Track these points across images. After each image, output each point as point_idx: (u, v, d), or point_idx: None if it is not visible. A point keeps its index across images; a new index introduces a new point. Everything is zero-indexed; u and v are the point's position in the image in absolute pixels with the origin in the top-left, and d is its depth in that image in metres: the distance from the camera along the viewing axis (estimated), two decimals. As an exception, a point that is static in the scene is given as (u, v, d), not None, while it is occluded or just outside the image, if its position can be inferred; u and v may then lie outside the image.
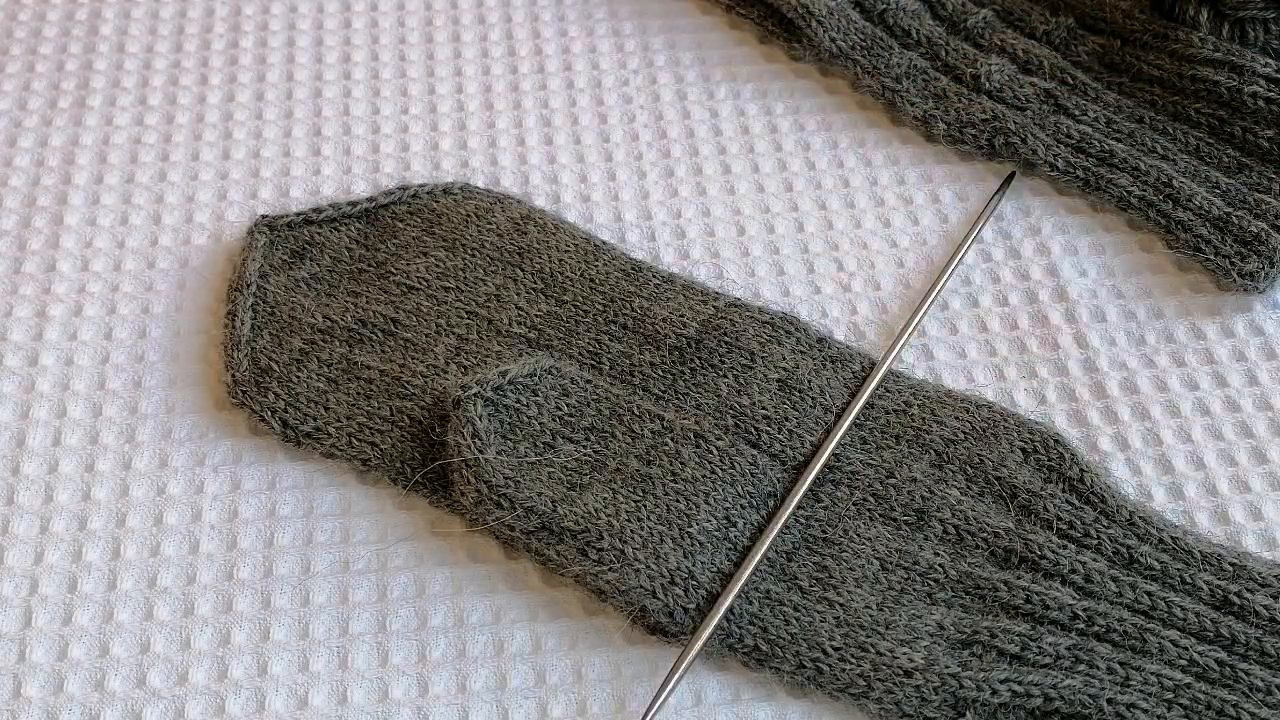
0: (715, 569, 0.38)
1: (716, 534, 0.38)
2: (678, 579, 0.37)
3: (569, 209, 0.49)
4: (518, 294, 0.45)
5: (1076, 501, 0.40)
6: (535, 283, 0.45)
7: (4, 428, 0.43)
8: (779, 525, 0.39)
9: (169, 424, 0.43)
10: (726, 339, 0.43)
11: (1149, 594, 0.38)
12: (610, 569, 0.37)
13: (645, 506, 0.38)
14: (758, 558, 0.38)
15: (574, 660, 0.38)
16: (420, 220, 0.47)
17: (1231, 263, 0.46)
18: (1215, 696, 0.36)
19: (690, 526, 0.38)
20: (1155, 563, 0.38)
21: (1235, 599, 0.37)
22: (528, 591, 0.39)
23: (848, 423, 0.41)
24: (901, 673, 0.36)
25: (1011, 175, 0.50)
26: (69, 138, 0.52)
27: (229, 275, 0.46)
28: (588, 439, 0.40)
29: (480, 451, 0.39)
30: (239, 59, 0.55)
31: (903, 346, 0.44)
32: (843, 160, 0.51)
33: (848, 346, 0.44)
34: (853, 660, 0.36)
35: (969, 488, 0.40)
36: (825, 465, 0.40)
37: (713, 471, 0.39)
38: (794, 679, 0.37)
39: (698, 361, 0.43)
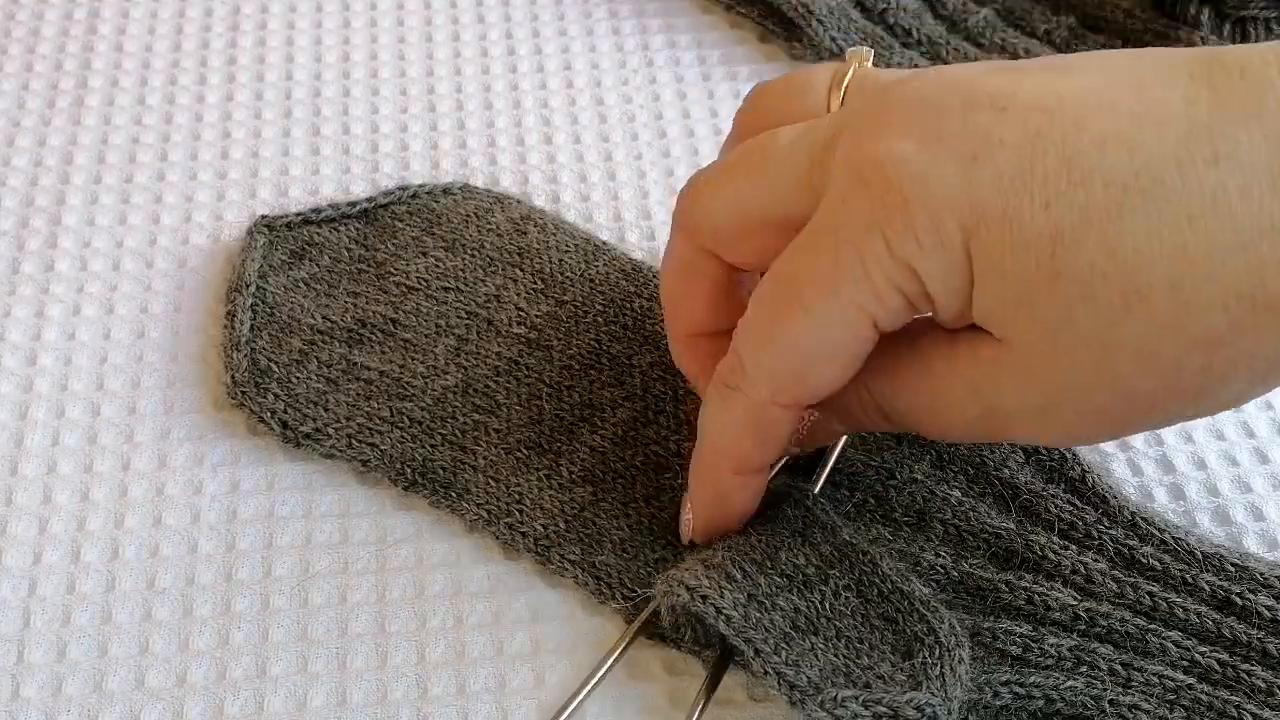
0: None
1: None
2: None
3: (569, 209, 0.49)
4: (517, 294, 0.45)
5: (1078, 502, 0.40)
6: (535, 283, 0.45)
7: (2, 428, 0.43)
8: None
9: (168, 425, 0.43)
10: (727, 339, 0.43)
11: (1151, 595, 0.37)
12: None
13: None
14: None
15: (574, 662, 0.38)
16: (420, 220, 0.47)
17: (1233, 263, 0.46)
18: (1217, 697, 0.36)
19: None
20: (1157, 563, 0.38)
21: (1237, 600, 0.37)
22: (527, 593, 0.39)
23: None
24: (903, 674, 0.36)
25: None
26: (67, 138, 0.52)
27: (228, 275, 0.46)
28: None
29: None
30: (237, 59, 0.55)
31: None
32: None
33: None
34: (854, 661, 0.36)
35: (970, 488, 0.40)
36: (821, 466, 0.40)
37: None
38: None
39: (698, 362, 0.43)
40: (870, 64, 0.37)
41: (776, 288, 0.34)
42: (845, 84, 0.36)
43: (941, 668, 0.34)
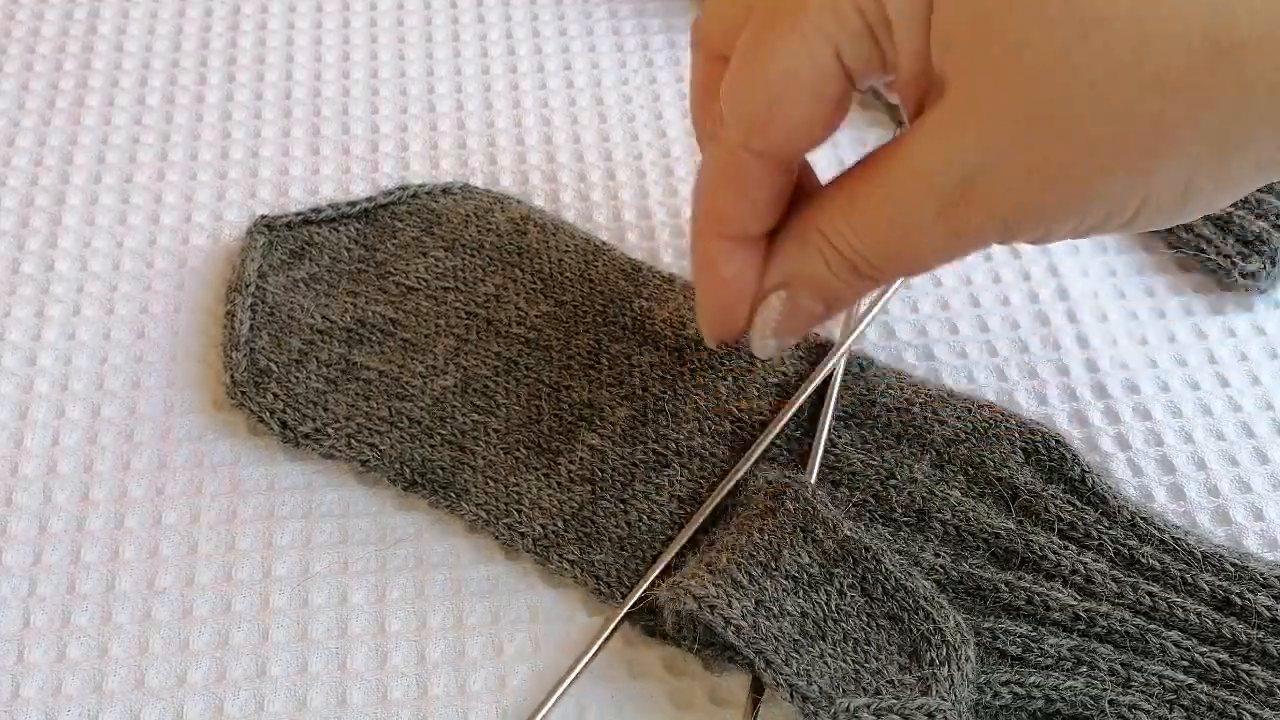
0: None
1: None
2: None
3: (568, 209, 0.49)
4: (517, 294, 0.45)
5: (1078, 502, 0.40)
6: (535, 283, 0.45)
7: (2, 428, 0.43)
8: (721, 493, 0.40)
9: (168, 425, 0.43)
10: (726, 339, 0.43)
11: (1150, 595, 0.37)
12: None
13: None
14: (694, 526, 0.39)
15: (574, 662, 0.38)
16: (419, 220, 0.47)
17: (1233, 262, 0.46)
18: (1217, 697, 0.36)
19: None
20: (1157, 563, 0.38)
21: (1237, 600, 0.37)
22: (527, 593, 0.39)
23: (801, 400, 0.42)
24: (902, 674, 0.36)
25: None
26: (67, 138, 0.52)
27: (228, 275, 0.46)
28: None
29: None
30: (237, 59, 0.55)
31: (867, 325, 0.44)
32: (844, 160, 0.51)
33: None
34: (853, 661, 0.36)
35: (970, 488, 0.40)
36: (825, 465, 0.40)
37: None
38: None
39: (697, 363, 0.43)
40: None
41: (750, 25, 0.34)
42: None
43: (950, 668, 0.34)
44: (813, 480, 0.40)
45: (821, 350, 0.43)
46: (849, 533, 0.37)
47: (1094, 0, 0.29)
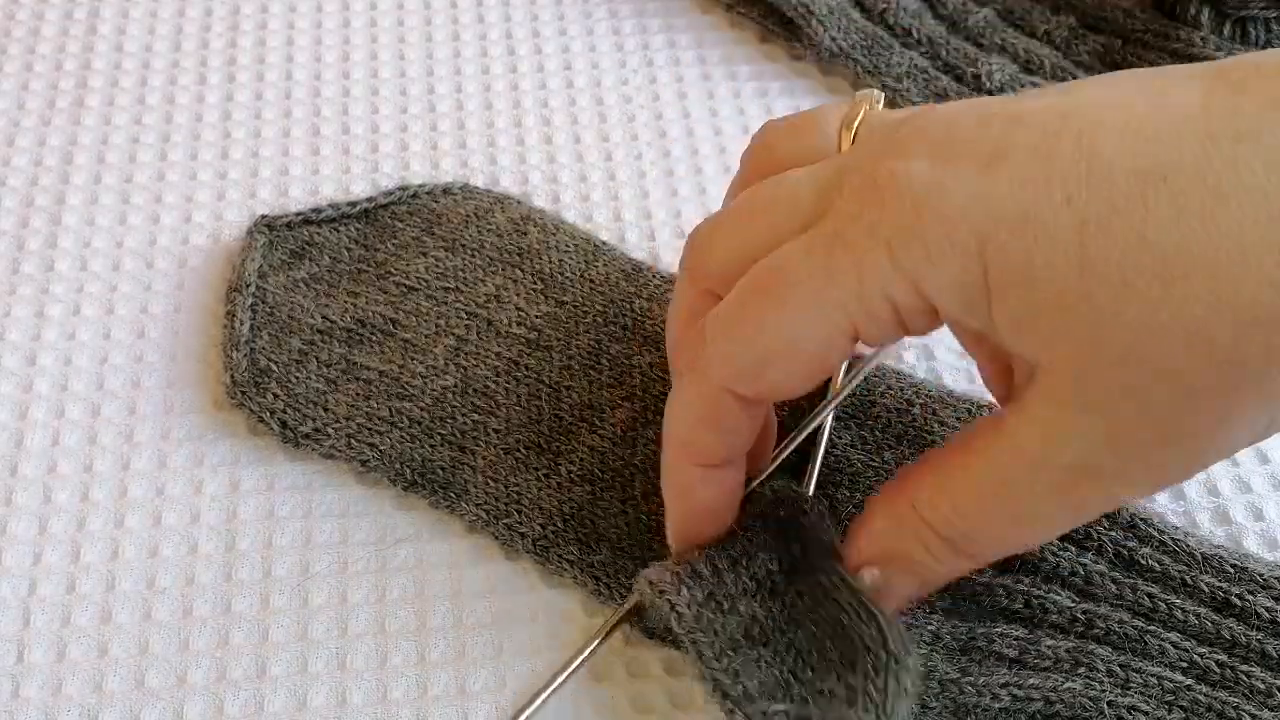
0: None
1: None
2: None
3: (568, 209, 0.49)
4: (517, 294, 0.45)
5: (1077, 502, 0.40)
6: (535, 283, 0.45)
7: (2, 428, 0.43)
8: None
9: (167, 425, 0.43)
10: (726, 339, 0.43)
11: (1149, 596, 0.37)
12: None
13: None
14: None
15: (568, 660, 0.38)
16: (420, 220, 0.47)
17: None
18: (1216, 698, 0.36)
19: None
20: (1156, 564, 0.38)
21: (1236, 601, 0.37)
22: (527, 593, 0.39)
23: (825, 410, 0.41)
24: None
25: None
26: (67, 138, 0.52)
27: (228, 275, 0.46)
28: None
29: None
30: (237, 59, 0.55)
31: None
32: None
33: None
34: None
35: (969, 489, 0.40)
36: (825, 466, 0.40)
37: None
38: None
39: (698, 362, 0.43)
40: (880, 106, 0.36)
41: (759, 275, 0.33)
42: (856, 125, 0.35)
43: (884, 678, 0.33)
44: (813, 482, 0.40)
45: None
46: (828, 541, 0.36)
47: (1168, 259, 0.28)
